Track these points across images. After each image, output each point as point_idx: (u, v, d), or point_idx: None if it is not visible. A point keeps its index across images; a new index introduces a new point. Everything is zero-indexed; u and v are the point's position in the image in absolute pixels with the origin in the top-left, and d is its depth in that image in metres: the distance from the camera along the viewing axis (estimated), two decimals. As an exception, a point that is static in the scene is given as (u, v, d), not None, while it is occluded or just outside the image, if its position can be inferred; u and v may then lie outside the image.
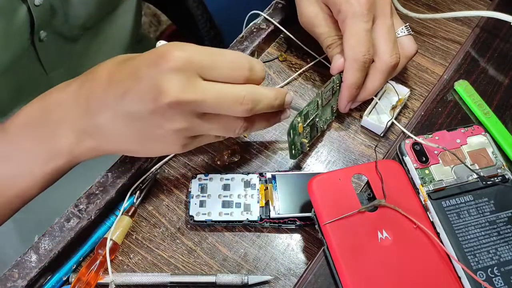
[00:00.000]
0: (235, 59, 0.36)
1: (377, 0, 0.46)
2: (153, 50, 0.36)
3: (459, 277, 0.39)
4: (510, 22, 0.52)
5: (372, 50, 0.46)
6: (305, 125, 0.46)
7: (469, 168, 0.43)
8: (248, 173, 0.47)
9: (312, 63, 0.55)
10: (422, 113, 0.49)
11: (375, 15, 0.46)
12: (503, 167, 0.44)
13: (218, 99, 0.35)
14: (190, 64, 0.34)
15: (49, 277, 0.42)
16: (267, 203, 0.45)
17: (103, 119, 0.37)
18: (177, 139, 0.37)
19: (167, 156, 0.49)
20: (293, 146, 0.46)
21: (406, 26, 0.50)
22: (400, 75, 0.55)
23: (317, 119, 0.48)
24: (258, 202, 0.45)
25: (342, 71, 0.48)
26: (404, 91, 0.51)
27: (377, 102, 0.50)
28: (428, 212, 0.41)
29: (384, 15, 0.47)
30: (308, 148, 0.48)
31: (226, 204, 0.45)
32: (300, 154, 0.48)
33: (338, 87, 0.49)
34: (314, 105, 0.47)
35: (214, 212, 0.45)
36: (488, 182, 0.43)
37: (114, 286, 0.42)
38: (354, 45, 0.45)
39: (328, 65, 0.55)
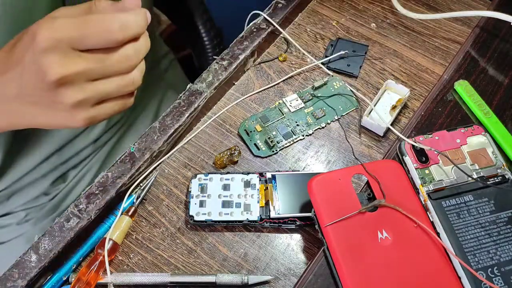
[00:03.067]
0: (103, 26, 0.35)
1: None
2: (27, 31, 0.36)
3: (459, 277, 0.39)
4: (510, 22, 0.52)
5: None
6: (265, 126, 0.50)
7: (463, 172, 0.43)
8: (248, 173, 0.47)
9: (313, 64, 0.55)
10: (422, 113, 0.49)
11: None
12: (503, 167, 0.44)
13: (101, 61, 0.36)
14: (60, 42, 0.34)
15: (49, 277, 0.42)
16: (267, 203, 0.45)
17: (8, 104, 0.39)
18: (82, 111, 0.38)
19: (165, 155, 0.49)
20: (255, 144, 0.50)
21: None
22: (400, 75, 0.55)
23: (287, 124, 0.51)
24: (258, 202, 0.45)
25: None
26: (404, 91, 0.51)
27: (374, 107, 0.50)
28: (428, 212, 0.41)
29: None
30: (278, 147, 0.50)
31: (226, 204, 0.45)
32: (271, 149, 0.49)
33: (311, 97, 0.52)
34: (275, 111, 0.52)
35: (214, 212, 0.45)
36: (488, 182, 0.43)
37: (112, 286, 0.42)
38: None
39: (326, 70, 0.55)
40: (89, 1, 0.38)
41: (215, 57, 0.53)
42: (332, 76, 0.54)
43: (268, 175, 0.46)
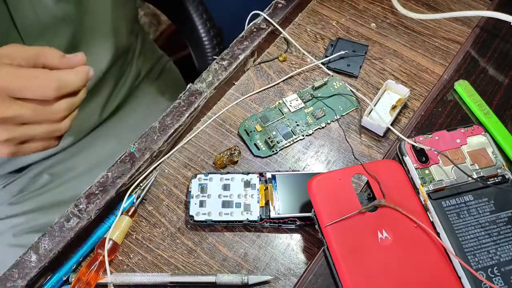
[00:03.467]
0: (42, 83, 0.39)
1: None
2: None
3: (459, 277, 0.39)
4: (510, 22, 0.52)
5: None
6: (265, 126, 0.50)
7: (463, 172, 0.43)
8: (248, 173, 0.47)
9: (313, 64, 0.55)
10: (422, 113, 0.49)
11: None
12: (503, 167, 0.44)
13: (34, 110, 0.40)
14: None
15: (49, 277, 0.42)
16: (267, 203, 0.45)
17: None
18: (6, 147, 0.41)
19: (165, 155, 0.49)
20: (255, 144, 0.50)
21: None
22: (400, 75, 0.55)
23: (287, 124, 0.51)
24: (258, 202, 0.45)
25: None
26: (404, 91, 0.51)
27: (374, 107, 0.50)
28: (428, 212, 0.41)
29: None
30: (278, 147, 0.50)
31: (226, 204, 0.45)
32: (271, 149, 0.49)
33: (311, 97, 0.52)
34: (275, 111, 0.52)
35: (214, 212, 0.45)
36: (488, 182, 0.43)
37: (112, 286, 0.42)
38: None
39: (326, 70, 0.55)
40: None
41: (215, 57, 0.53)
42: (332, 76, 0.54)
43: (268, 175, 0.46)
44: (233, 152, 0.48)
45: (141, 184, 0.47)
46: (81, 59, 0.43)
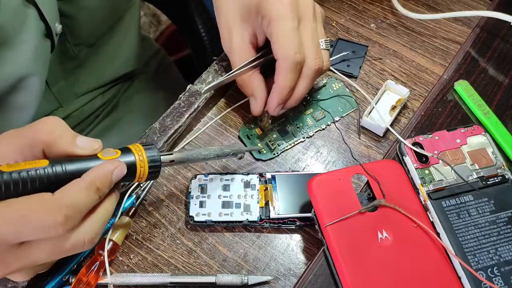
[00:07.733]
0: (40, 222, 0.31)
1: (300, 3, 0.45)
2: None
3: (459, 277, 0.39)
4: (510, 22, 0.52)
5: (302, 50, 0.44)
6: (266, 129, 0.50)
7: (459, 175, 0.43)
8: (248, 174, 0.47)
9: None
10: (422, 113, 0.49)
11: (299, 17, 0.44)
12: (503, 167, 0.44)
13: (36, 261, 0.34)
14: None
15: (49, 278, 0.42)
16: (267, 204, 0.45)
17: None
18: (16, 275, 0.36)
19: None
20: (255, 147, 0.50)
21: (327, 40, 0.47)
22: (400, 75, 0.55)
23: (287, 126, 0.51)
24: (258, 202, 0.45)
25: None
26: (404, 91, 0.51)
27: (374, 107, 0.50)
28: (428, 212, 0.41)
29: (307, 18, 0.45)
30: (279, 150, 0.50)
31: (226, 205, 0.45)
32: (272, 152, 0.49)
33: (311, 99, 0.52)
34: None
35: (214, 212, 0.45)
36: (488, 182, 0.43)
37: (113, 287, 0.42)
38: (284, 44, 0.43)
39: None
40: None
41: (214, 57, 0.53)
42: (332, 77, 0.54)
43: (268, 175, 0.46)
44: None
45: (141, 185, 0.47)
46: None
